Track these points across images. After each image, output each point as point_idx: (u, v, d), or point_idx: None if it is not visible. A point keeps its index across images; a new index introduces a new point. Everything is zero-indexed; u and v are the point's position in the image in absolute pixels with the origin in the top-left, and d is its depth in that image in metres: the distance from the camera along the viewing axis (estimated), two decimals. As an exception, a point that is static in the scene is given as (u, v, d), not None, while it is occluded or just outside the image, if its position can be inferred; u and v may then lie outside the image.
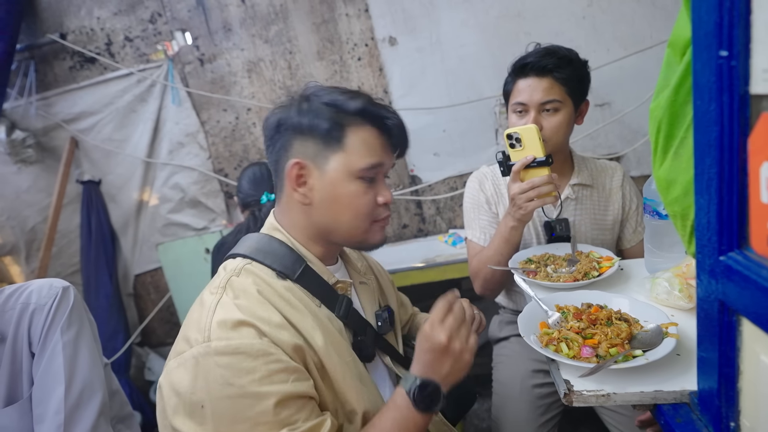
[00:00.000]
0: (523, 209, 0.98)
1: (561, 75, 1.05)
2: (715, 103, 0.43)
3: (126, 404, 1.04)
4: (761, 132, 0.39)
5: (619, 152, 2.03)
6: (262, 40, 2.12)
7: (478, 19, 1.97)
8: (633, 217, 1.23)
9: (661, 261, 0.90)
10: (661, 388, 0.61)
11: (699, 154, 0.47)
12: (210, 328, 0.61)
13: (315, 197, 0.69)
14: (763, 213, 0.41)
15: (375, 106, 0.70)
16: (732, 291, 0.45)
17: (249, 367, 0.58)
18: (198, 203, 2.30)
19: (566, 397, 0.63)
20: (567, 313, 0.79)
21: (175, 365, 0.61)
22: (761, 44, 0.38)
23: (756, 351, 0.45)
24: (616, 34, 1.92)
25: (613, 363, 0.64)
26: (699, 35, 0.44)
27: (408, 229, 2.25)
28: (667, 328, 0.69)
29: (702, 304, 0.52)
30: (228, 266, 0.71)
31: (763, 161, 0.39)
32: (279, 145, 0.70)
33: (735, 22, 0.39)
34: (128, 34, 2.17)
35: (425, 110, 2.07)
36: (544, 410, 1.11)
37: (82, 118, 2.23)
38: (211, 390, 0.57)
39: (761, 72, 0.38)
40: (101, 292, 2.21)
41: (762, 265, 0.41)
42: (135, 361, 2.39)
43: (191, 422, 0.57)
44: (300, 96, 0.71)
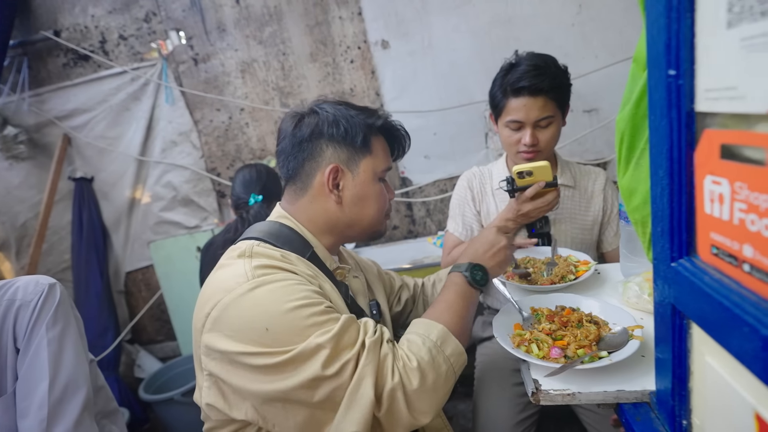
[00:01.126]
0: (533, 218, 1.12)
1: (553, 94, 1.12)
2: (666, 118, 0.45)
3: (111, 400, 1.05)
4: (704, 147, 0.42)
5: (606, 158, 2.07)
6: (256, 41, 2.14)
7: (470, 25, 2.00)
8: (614, 221, 1.26)
9: (635, 266, 0.93)
10: (624, 388, 0.64)
11: (653, 166, 0.50)
12: (251, 271, 0.66)
13: (346, 196, 0.78)
14: (707, 223, 0.43)
15: (390, 122, 0.84)
16: (682, 296, 0.48)
17: (296, 288, 0.65)
18: (190, 202, 2.32)
19: (534, 396, 0.66)
20: (540, 315, 0.81)
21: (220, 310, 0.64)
22: (704, 66, 0.40)
23: (703, 352, 0.48)
24: (605, 42, 1.95)
25: (580, 363, 0.66)
26: (652, 54, 0.46)
27: (398, 231, 2.27)
28: (633, 331, 0.72)
29: (658, 308, 0.54)
30: (239, 247, 0.75)
31: (706, 174, 0.42)
32: (309, 151, 0.77)
33: (681, 45, 0.42)
34: (122, 32, 2.18)
35: (416, 113, 2.10)
36: (522, 408, 1.14)
37: (75, 115, 2.24)
38: (269, 311, 0.62)
39: (704, 91, 0.41)
40: (92, 289, 2.22)
41: (706, 272, 0.44)
42: (125, 358, 2.40)
43: (260, 348, 0.61)
44: (323, 109, 0.79)
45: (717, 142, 0.40)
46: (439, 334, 0.70)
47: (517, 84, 1.11)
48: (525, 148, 1.14)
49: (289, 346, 0.61)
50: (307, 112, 0.79)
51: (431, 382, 0.65)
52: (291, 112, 0.81)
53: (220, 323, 0.64)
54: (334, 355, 0.61)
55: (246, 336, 0.62)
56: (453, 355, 0.69)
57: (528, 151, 1.14)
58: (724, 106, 0.38)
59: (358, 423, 0.61)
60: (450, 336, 0.70)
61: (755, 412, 0.39)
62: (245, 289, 0.64)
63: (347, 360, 0.62)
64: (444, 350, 0.68)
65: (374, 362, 0.63)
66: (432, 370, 0.66)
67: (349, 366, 0.62)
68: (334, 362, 0.61)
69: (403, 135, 0.86)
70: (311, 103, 0.81)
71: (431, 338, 0.69)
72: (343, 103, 0.81)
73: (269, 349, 0.61)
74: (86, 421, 0.83)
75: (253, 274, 0.66)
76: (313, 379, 0.60)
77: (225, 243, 1.35)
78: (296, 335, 0.61)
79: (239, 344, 0.62)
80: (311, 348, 0.60)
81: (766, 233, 0.35)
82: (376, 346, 0.65)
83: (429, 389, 0.65)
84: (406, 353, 0.66)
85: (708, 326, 0.44)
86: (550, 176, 1.08)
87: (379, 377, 0.63)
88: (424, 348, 0.67)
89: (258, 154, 2.27)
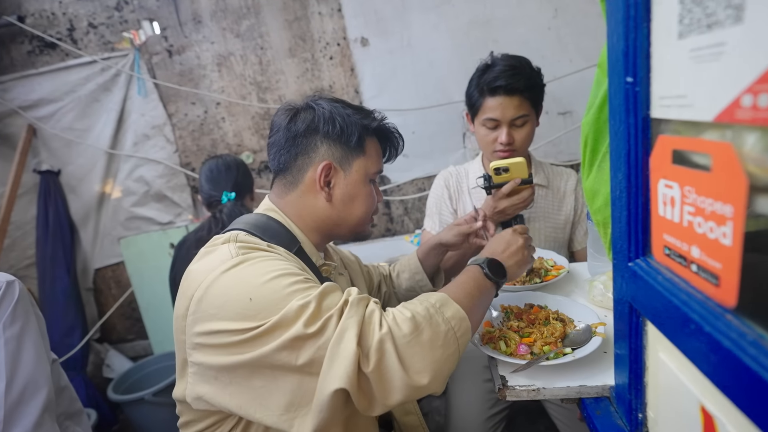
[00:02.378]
0: (509, 215, 1.13)
1: (528, 93, 1.14)
2: (624, 124, 0.47)
3: (75, 401, 1.02)
4: (658, 152, 0.44)
5: (578, 159, 2.12)
6: (233, 34, 2.10)
7: (449, 25, 2.02)
8: (584, 221, 1.30)
9: (600, 265, 0.96)
10: (586, 383, 0.66)
11: (613, 169, 0.51)
12: (234, 250, 0.66)
13: (336, 194, 0.78)
14: (661, 225, 0.45)
15: (386, 124, 0.84)
16: (638, 294, 0.50)
17: (278, 262, 0.65)
18: (163, 197, 2.26)
19: (500, 392, 0.67)
20: (510, 313, 0.83)
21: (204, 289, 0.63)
22: (658, 74, 0.42)
23: (657, 349, 0.50)
24: (579, 46, 2.00)
25: (545, 360, 0.68)
26: (612, 60, 0.48)
27: (376, 229, 2.28)
28: (596, 328, 0.74)
29: (617, 305, 0.56)
30: (223, 236, 0.73)
31: (660, 178, 0.44)
32: (303, 146, 0.77)
33: (638, 53, 0.43)
34: (92, 20, 2.10)
35: (395, 111, 2.10)
36: (494, 403, 1.17)
37: (40, 105, 2.14)
38: (251, 282, 0.61)
39: (658, 98, 0.42)
40: (57, 286, 2.14)
41: (659, 271, 0.46)
42: (93, 358, 2.33)
43: (244, 322, 0.59)
44: (319, 105, 0.78)
45: (669, 148, 0.42)
46: (438, 298, 0.66)
47: (493, 83, 1.13)
48: (501, 146, 1.16)
49: (272, 315, 0.59)
50: (303, 106, 0.79)
51: (427, 337, 0.59)
52: (285, 105, 0.80)
53: (204, 303, 0.62)
54: (317, 313, 0.59)
55: (230, 310, 0.60)
56: (454, 318, 0.63)
57: (504, 150, 1.17)
58: (675, 113, 0.40)
59: (341, 378, 0.55)
60: (450, 301, 0.66)
61: (701, 405, 0.41)
62: (228, 266, 0.63)
63: (329, 316, 0.59)
64: (443, 312, 0.63)
65: (358, 315, 0.59)
66: (428, 325, 0.61)
67: (332, 321, 0.59)
68: (317, 320, 0.58)
69: (397, 138, 0.86)
70: (307, 98, 0.81)
71: (430, 300, 0.65)
72: (339, 101, 0.80)
73: (254, 321, 0.59)
74: (47, 423, 0.80)
75: (237, 252, 0.65)
76: (295, 338, 0.57)
77: (198, 242, 1.31)
78: (280, 301, 0.59)
79: (224, 322, 0.60)
80: (294, 310, 0.58)
81: (711, 235, 0.37)
82: (361, 302, 0.62)
83: (424, 343, 0.59)
84: (400, 309, 0.63)
85: (660, 323, 0.46)
86: (526, 173, 1.10)
87: (364, 330, 0.59)
88: (421, 306, 0.63)
89: (234, 150, 2.23)
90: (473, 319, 0.67)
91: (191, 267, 0.69)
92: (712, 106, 0.34)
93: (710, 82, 0.34)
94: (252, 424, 0.66)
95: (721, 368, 0.36)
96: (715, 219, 0.36)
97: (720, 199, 0.35)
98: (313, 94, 0.83)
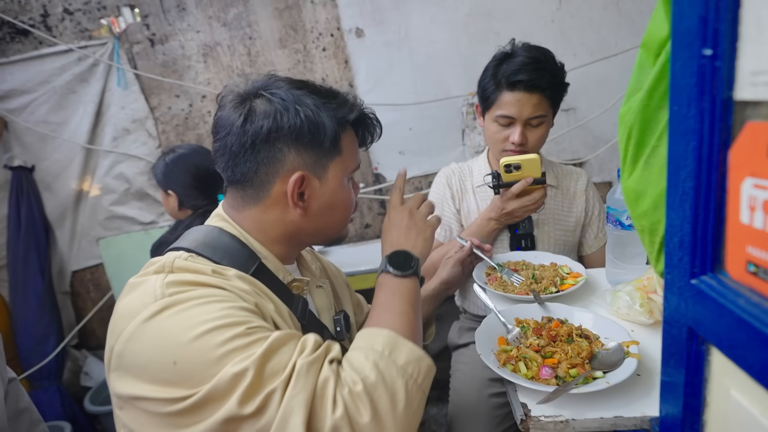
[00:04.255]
0: (518, 218, 1.06)
1: (550, 92, 1.05)
2: (694, 108, 0.38)
3: (38, 422, 0.92)
4: (745, 143, 0.35)
5: (582, 158, 2.05)
6: (219, 23, 1.98)
7: (448, 16, 1.92)
8: (595, 223, 1.23)
9: (622, 272, 0.88)
10: (621, 414, 0.58)
11: (673, 166, 0.42)
12: (160, 289, 0.54)
13: (312, 206, 0.66)
14: (742, 235, 0.36)
15: (365, 111, 0.71)
16: (703, 318, 0.41)
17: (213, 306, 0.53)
18: (145, 195, 2.13)
19: (523, 424, 0.58)
20: (526, 328, 0.74)
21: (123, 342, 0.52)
22: (750, 43, 0.33)
23: (726, 384, 0.41)
24: (583, 40, 1.92)
25: (574, 386, 0.59)
26: (679, 31, 0.39)
27: (371, 229, 2.18)
28: (628, 347, 0.66)
29: (669, 328, 0.47)
30: (159, 260, 0.60)
31: (745, 177, 0.35)
32: (265, 155, 0.63)
33: (722, 17, 0.34)
34: (68, 6, 1.96)
35: (391, 106, 2.00)
36: (500, 421, 1.08)
37: (12, 96, 2.00)
38: (176, 339, 0.50)
39: (748, 75, 0.33)
40: (30, 289, 2.01)
41: (738, 292, 0.37)
42: (70, 365, 2.20)
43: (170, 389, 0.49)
44: (276, 96, 0.63)
45: (765, 138, 0.33)
46: (385, 342, 0.55)
47: (514, 77, 1.03)
48: (512, 146, 1.08)
49: (203, 383, 0.48)
50: (255, 95, 0.63)
51: (386, 406, 0.50)
52: (231, 94, 0.65)
53: (124, 359, 0.52)
54: (257, 385, 0.48)
55: (153, 374, 0.50)
56: (410, 363, 0.54)
57: (515, 150, 1.08)
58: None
59: None
60: (400, 340, 0.56)
61: (801, 465, 0.32)
62: (150, 313, 0.52)
63: (272, 390, 0.48)
64: (396, 360, 0.54)
65: (307, 391, 0.48)
66: (384, 390, 0.51)
67: (275, 398, 0.48)
68: (255, 395, 0.47)
69: (376, 125, 0.74)
70: (259, 82, 0.65)
71: (375, 348, 0.54)
72: (303, 85, 0.66)
73: (181, 390, 0.48)
74: None
75: (162, 292, 0.53)
76: (228, 419, 0.47)
77: None
78: (211, 366, 0.48)
79: (147, 386, 0.50)
80: (226, 380, 0.47)
81: (835, 252, 0.28)
82: (313, 368, 0.50)
83: (386, 416, 0.50)
84: (350, 376, 0.52)
85: (739, 356, 0.37)
86: (539, 172, 1.02)
87: (315, 410, 0.48)
88: (368, 363, 0.52)
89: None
90: (418, 336, 0.60)
91: (118, 304, 0.58)
92: None
93: None
94: None
95: None
96: None
97: None
98: (264, 76, 0.67)
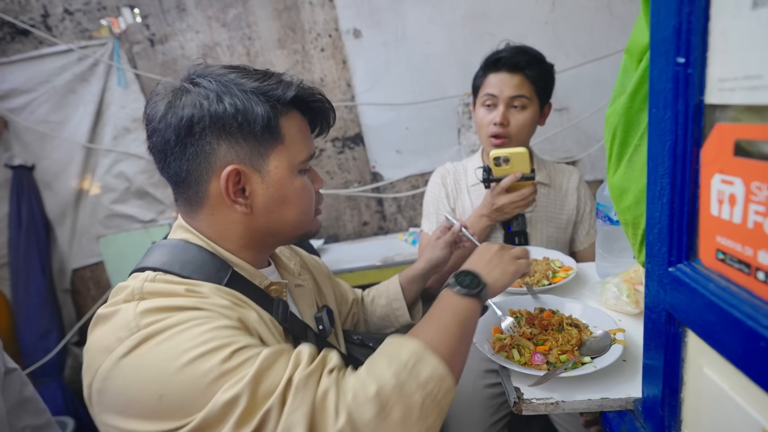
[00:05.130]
0: (508, 214, 1.07)
1: (531, 73, 1.09)
2: (670, 111, 0.42)
3: (43, 412, 0.94)
4: (714, 143, 0.38)
5: (575, 156, 2.09)
6: (219, 24, 2.00)
7: (444, 17, 1.96)
8: (586, 220, 1.26)
9: (611, 266, 0.92)
10: (608, 396, 0.61)
11: (652, 163, 0.46)
12: (134, 320, 0.50)
13: (257, 203, 0.61)
14: (713, 226, 0.40)
15: (306, 89, 0.63)
16: (679, 303, 0.45)
17: (195, 331, 0.50)
18: (145, 194, 2.15)
19: (516, 406, 0.62)
20: (520, 318, 0.78)
21: (101, 380, 0.50)
22: (718, 53, 0.37)
23: (700, 363, 0.45)
24: (576, 42, 1.96)
25: (564, 371, 0.63)
26: (657, 40, 0.42)
27: (368, 227, 2.21)
28: (614, 335, 0.70)
29: (649, 313, 0.51)
30: (127, 285, 0.56)
31: (714, 173, 0.39)
32: (193, 151, 0.58)
33: (693, 29, 0.38)
34: (68, 6, 1.98)
35: (389, 106, 2.04)
36: (495, 410, 1.12)
37: (12, 96, 2.02)
38: (160, 372, 0.48)
39: (717, 82, 0.37)
40: (32, 287, 2.03)
41: (709, 278, 0.41)
42: (71, 362, 2.21)
43: (157, 423, 0.47)
44: (200, 85, 0.57)
45: (730, 138, 0.36)
46: (411, 353, 0.53)
47: (496, 56, 1.10)
48: (494, 128, 1.11)
49: (192, 413, 0.46)
50: (179, 88, 0.58)
51: (398, 417, 0.48)
52: (161, 87, 0.59)
53: (104, 397, 0.50)
54: (251, 408, 0.46)
55: (137, 411, 0.48)
56: (431, 380, 0.51)
57: (497, 133, 1.11)
58: (742, 98, 0.34)
59: None
60: (427, 354, 0.53)
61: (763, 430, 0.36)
62: (127, 348, 0.49)
63: (267, 410, 0.46)
64: (417, 374, 0.51)
65: (307, 405, 0.47)
66: (398, 401, 0.49)
67: (271, 417, 0.46)
68: (252, 418, 0.46)
69: (325, 105, 0.66)
70: (187, 72, 0.60)
71: (400, 358, 0.52)
72: (234, 68, 0.59)
73: (170, 422, 0.47)
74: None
75: (137, 324, 0.50)
76: None
77: None
78: (200, 395, 0.47)
79: (133, 421, 0.48)
80: (219, 408, 0.46)
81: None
82: (310, 381, 0.49)
83: (395, 425, 0.48)
84: (364, 379, 0.50)
85: (710, 337, 0.41)
86: (527, 167, 1.04)
87: (316, 423, 0.47)
88: (389, 371, 0.50)
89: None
90: (456, 365, 0.56)
91: (91, 337, 0.54)
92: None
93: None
94: None
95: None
96: (796, 220, 0.31)
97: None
98: (195, 64, 0.61)
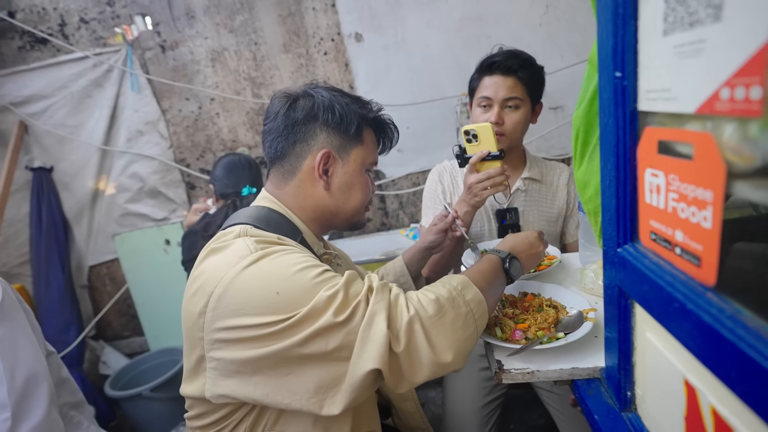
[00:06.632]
0: (478, 197, 1.08)
1: (524, 75, 1.16)
2: (613, 116, 0.50)
3: (77, 391, 1.03)
4: (645, 143, 0.46)
5: (570, 153, 2.16)
6: (226, 30, 2.10)
7: (442, 21, 2.04)
8: (575, 214, 1.33)
9: (591, 254, 0.99)
10: (578, 366, 0.69)
11: (603, 160, 0.54)
12: (252, 245, 0.65)
13: (334, 182, 0.78)
14: (648, 211, 0.48)
15: (383, 115, 0.85)
16: (626, 278, 0.53)
17: (298, 255, 0.65)
18: (158, 193, 2.26)
19: (497, 375, 0.70)
20: (505, 301, 0.86)
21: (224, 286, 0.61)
22: (645, 69, 0.45)
23: (643, 329, 0.53)
24: (570, 42, 2.03)
25: (539, 344, 0.71)
26: (602, 56, 0.50)
27: (371, 223, 2.30)
28: (587, 314, 0.77)
29: (607, 290, 0.59)
30: (233, 230, 0.71)
31: (646, 167, 0.47)
32: (302, 133, 0.76)
33: (627, 48, 0.46)
34: (84, 15, 2.08)
35: (389, 107, 2.10)
36: (489, 391, 1.20)
37: (32, 101, 2.13)
38: (277, 276, 0.61)
39: (645, 92, 0.45)
40: (52, 283, 2.14)
41: (645, 255, 0.49)
42: (89, 355, 2.33)
43: (272, 315, 0.59)
44: (318, 92, 0.78)
45: (655, 139, 0.44)
46: (460, 281, 0.69)
47: (490, 60, 1.17)
48: None
49: (300, 307, 0.59)
50: (301, 93, 0.78)
51: (450, 318, 0.63)
52: (281, 93, 0.79)
53: (225, 299, 0.61)
54: (345, 302, 0.60)
55: (256, 305, 0.60)
56: (473, 301, 0.67)
57: None
58: (660, 106, 0.42)
59: (374, 359, 0.58)
60: (471, 284, 0.69)
61: (684, 379, 0.44)
62: (249, 261, 0.62)
63: (357, 302, 0.61)
64: (464, 294, 0.67)
65: (385, 300, 0.62)
66: (451, 306, 0.64)
67: (360, 307, 0.61)
68: (346, 308, 0.60)
69: (393, 130, 0.88)
70: (304, 85, 0.80)
71: (452, 283, 0.68)
72: (337, 89, 0.81)
73: (282, 314, 0.59)
74: (53, 414, 0.82)
75: (256, 247, 0.65)
76: (325, 327, 0.59)
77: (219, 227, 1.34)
78: (307, 292, 0.60)
79: (249, 317, 0.60)
80: (324, 300, 0.60)
81: (693, 219, 0.39)
82: (385, 288, 0.64)
83: (447, 324, 0.63)
84: (424, 291, 0.66)
85: (647, 305, 0.49)
86: (493, 144, 1.06)
87: (392, 313, 0.61)
88: (444, 289, 0.67)
89: (229, 146, 2.24)
90: (489, 303, 0.71)
91: (205, 264, 0.67)
92: (693, 99, 0.37)
93: (692, 76, 0.37)
94: (265, 411, 0.67)
95: (702, 342, 0.38)
96: (697, 204, 0.38)
97: (701, 185, 0.38)
98: (310, 82, 0.83)
